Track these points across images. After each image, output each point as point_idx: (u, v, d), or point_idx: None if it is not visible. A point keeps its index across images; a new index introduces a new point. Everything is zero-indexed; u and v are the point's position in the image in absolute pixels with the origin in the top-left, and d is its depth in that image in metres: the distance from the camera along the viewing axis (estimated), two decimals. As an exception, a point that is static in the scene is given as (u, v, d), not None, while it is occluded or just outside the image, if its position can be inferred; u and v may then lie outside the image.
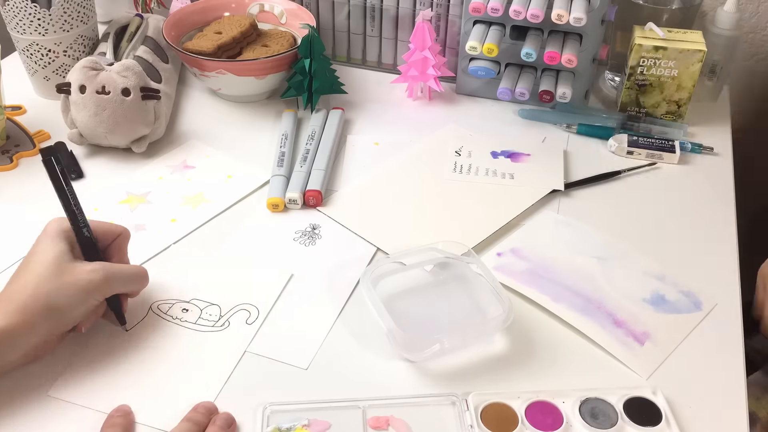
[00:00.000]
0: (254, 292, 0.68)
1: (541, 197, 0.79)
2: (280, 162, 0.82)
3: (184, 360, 0.62)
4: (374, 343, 0.64)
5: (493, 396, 0.59)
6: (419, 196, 0.81)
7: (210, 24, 0.97)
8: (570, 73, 0.92)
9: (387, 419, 0.57)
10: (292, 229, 0.76)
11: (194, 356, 0.62)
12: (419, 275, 0.70)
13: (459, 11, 0.95)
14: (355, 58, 1.05)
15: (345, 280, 0.70)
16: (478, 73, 0.93)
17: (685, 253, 0.74)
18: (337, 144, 0.87)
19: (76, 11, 0.90)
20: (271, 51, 0.92)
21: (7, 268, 0.70)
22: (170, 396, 0.59)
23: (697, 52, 0.85)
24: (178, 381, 0.60)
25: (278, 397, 0.59)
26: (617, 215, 0.79)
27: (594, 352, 0.64)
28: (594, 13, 0.86)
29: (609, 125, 0.90)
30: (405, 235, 0.75)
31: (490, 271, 0.67)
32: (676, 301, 0.68)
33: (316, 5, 1.01)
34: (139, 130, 0.83)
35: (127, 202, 0.79)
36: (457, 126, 0.92)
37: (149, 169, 0.84)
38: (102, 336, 0.63)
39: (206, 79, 0.92)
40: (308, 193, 0.78)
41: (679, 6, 0.94)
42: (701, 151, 0.88)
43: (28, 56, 0.91)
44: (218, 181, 0.82)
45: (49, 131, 0.88)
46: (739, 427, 0.58)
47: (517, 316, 0.66)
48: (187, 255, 0.72)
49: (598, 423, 0.57)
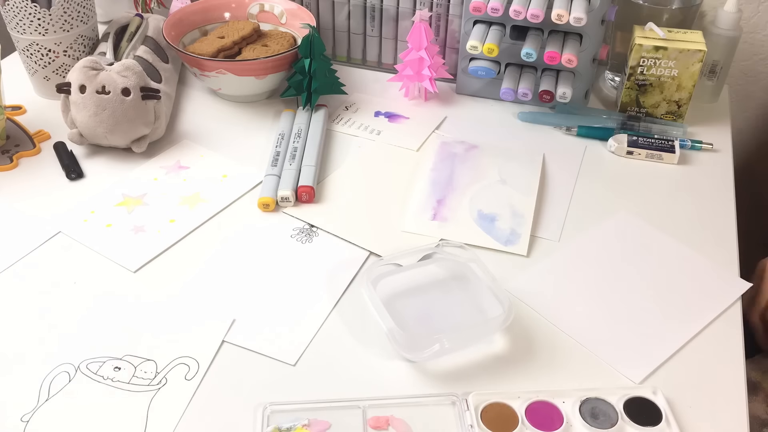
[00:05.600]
0: (193, 343, 0.63)
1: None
2: (274, 162, 0.82)
3: (119, 425, 0.57)
4: (374, 343, 0.64)
5: (493, 396, 0.59)
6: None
7: (214, 28, 0.97)
8: (570, 73, 0.92)
9: (387, 419, 0.57)
10: (290, 227, 0.76)
11: (130, 420, 0.57)
12: (419, 275, 0.70)
13: (459, 11, 0.95)
14: (355, 58, 1.05)
15: (342, 277, 0.70)
16: (478, 73, 0.93)
17: (685, 254, 0.74)
18: (324, 139, 0.88)
19: (76, 11, 0.90)
20: (271, 51, 0.92)
21: (8, 267, 0.70)
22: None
23: (697, 52, 0.85)
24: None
25: (277, 397, 0.59)
26: (617, 215, 0.79)
27: (594, 352, 0.64)
28: (594, 13, 0.86)
29: (609, 125, 0.90)
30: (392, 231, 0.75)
31: (490, 270, 0.67)
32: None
33: (316, 5, 1.01)
34: (139, 130, 0.83)
35: (123, 204, 0.79)
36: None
37: (143, 170, 0.84)
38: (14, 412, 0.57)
39: (206, 79, 0.92)
40: (300, 189, 0.79)
41: (679, 6, 0.94)
42: (701, 147, 0.88)
43: (28, 56, 0.91)
44: (214, 181, 0.82)
45: (49, 131, 0.88)
46: (739, 427, 0.58)
47: (517, 316, 0.66)
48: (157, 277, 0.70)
49: (598, 423, 0.57)
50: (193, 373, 0.61)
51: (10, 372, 0.61)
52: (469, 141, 0.89)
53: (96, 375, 0.60)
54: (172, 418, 0.57)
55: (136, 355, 0.62)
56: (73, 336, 0.64)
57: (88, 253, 0.72)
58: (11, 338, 0.64)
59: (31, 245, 0.73)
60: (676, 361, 0.63)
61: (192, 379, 0.60)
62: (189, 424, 0.57)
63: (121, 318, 0.65)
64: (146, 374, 0.60)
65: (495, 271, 0.68)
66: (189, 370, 0.61)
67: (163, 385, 0.60)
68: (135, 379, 0.60)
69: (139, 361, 0.61)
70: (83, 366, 0.61)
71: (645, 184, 0.83)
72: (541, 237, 0.75)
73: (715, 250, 0.74)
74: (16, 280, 0.69)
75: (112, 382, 0.60)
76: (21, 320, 0.65)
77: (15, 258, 0.71)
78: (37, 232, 0.74)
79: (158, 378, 0.60)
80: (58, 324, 0.65)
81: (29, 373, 0.61)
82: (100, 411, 0.58)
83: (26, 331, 0.64)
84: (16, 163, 0.84)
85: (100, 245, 0.73)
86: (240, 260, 0.72)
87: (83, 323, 0.65)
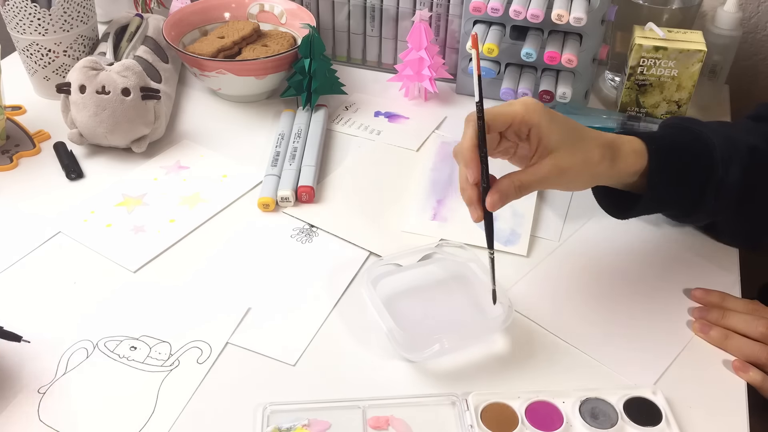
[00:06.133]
0: (207, 328, 0.65)
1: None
2: (274, 162, 0.82)
3: (132, 402, 0.58)
4: (374, 343, 0.64)
5: (493, 396, 0.59)
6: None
7: (214, 28, 0.97)
8: (570, 73, 0.92)
9: (387, 419, 0.57)
10: (290, 227, 0.76)
11: (142, 397, 0.59)
12: (419, 275, 0.70)
13: (459, 11, 0.95)
14: (355, 58, 1.05)
15: (342, 277, 0.70)
16: (478, 73, 0.93)
17: (684, 254, 0.74)
18: (324, 139, 0.88)
19: (76, 11, 0.90)
20: (271, 51, 0.92)
21: (8, 267, 0.70)
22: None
23: (697, 52, 0.85)
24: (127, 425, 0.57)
25: (277, 397, 0.59)
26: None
27: (593, 353, 0.64)
28: (594, 13, 0.86)
29: (609, 125, 0.90)
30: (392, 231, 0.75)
31: (490, 270, 0.67)
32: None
33: (316, 5, 1.01)
34: (139, 130, 0.83)
35: (123, 204, 0.79)
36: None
37: (143, 170, 0.84)
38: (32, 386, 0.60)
39: (206, 79, 0.92)
40: (300, 189, 0.79)
41: (679, 6, 0.94)
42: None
43: (28, 56, 0.91)
44: (214, 181, 0.82)
45: (49, 131, 0.88)
46: (739, 427, 0.58)
47: (517, 316, 0.66)
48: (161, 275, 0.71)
49: (598, 423, 0.57)
50: (205, 357, 0.62)
51: (29, 347, 0.62)
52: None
53: (113, 353, 0.62)
54: (181, 399, 0.59)
55: (152, 336, 0.64)
56: (93, 316, 0.66)
57: (88, 253, 0.72)
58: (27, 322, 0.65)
59: (31, 245, 0.73)
60: (676, 362, 0.63)
61: (204, 363, 0.62)
62: (188, 424, 0.57)
63: (139, 303, 0.67)
64: (160, 355, 0.62)
65: (495, 271, 0.68)
66: (201, 353, 0.63)
67: (176, 366, 0.61)
68: (149, 359, 0.62)
69: (155, 342, 0.63)
70: (101, 344, 0.63)
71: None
72: (541, 237, 0.75)
73: (715, 251, 0.74)
74: (16, 280, 0.69)
75: (127, 361, 0.62)
76: (33, 308, 0.66)
77: (15, 258, 0.71)
78: (37, 232, 0.74)
79: (172, 360, 0.62)
80: (80, 305, 0.67)
81: (49, 348, 0.63)
82: (115, 387, 0.60)
83: (44, 314, 0.66)
84: (16, 163, 0.84)
85: (100, 245, 0.73)
86: (240, 260, 0.72)
87: (103, 305, 0.67)
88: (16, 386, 0.59)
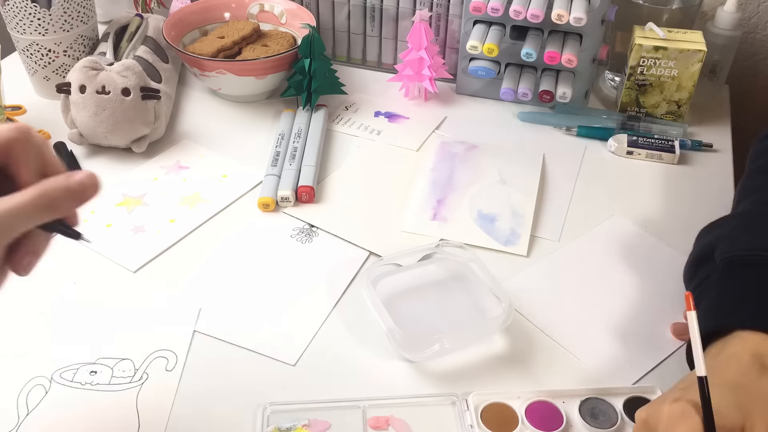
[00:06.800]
0: (166, 335, 0.63)
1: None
2: (274, 162, 0.82)
3: (113, 424, 0.56)
4: (374, 343, 0.64)
5: (493, 396, 0.59)
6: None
7: (214, 28, 0.97)
8: (570, 73, 0.92)
9: (387, 419, 0.57)
10: (290, 227, 0.76)
11: (122, 417, 0.56)
12: (419, 275, 0.70)
13: (459, 11, 0.95)
14: (355, 58, 1.05)
15: (342, 277, 0.70)
16: (478, 73, 0.93)
17: (685, 257, 0.74)
18: (324, 139, 0.88)
19: (76, 11, 0.90)
20: (271, 51, 0.92)
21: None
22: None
23: (697, 52, 0.85)
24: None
25: (277, 397, 0.59)
26: (617, 215, 0.79)
27: (593, 353, 0.64)
28: (594, 13, 0.86)
29: (609, 125, 0.90)
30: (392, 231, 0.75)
31: (490, 270, 0.67)
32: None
33: (316, 5, 1.01)
34: (139, 130, 0.83)
35: (123, 204, 0.79)
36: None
37: (143, 170, 0.84)
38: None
39: (206, 79, 0.92)
40: (300, 189, 0.79)
41: (679, 6, 0.94)
42: (701, 148, 0.88)
43: (28, 56, 0.91)
44: (214, 181, 0.82)
45: (49, 131, 0.88)
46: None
47: (517, 316, 0.66)
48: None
49: (598, 423, 0.57)
50: (172, 365, 0.61)
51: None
52: (469, 141, 0.89)
53: (72, 382, 0.59)
54: (163, 408, 0.57)
55: (110, 356, 0.61)
56: (39, 349, 0.62)
57: (88, 253, 0.72)
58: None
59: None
60: (676, 361, 0.63)
61: (173, 370, 0.60)
62: (190, 422, 0.57)
63: (97, 321, 0.65)
64: (125, 372, 0.60)
65: (495, 271, 0.68)
66: (168, 362, 0.61)
67: (146, 379, 0.60)
68: (114, 378, 0.60)
69: (115, 362, 0.61)
70: (57, 375, 0.60)
71: (645, 184, 0.83)
72: (541, 237, 0.75)
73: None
74: (16, 280, 0.69)
75: (91, 386, 0.59)
76: (18, 321, 0.65)
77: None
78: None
79: (139, 374, 0.60)
80: (30, 334, 0.63)
81: (2, 390, 0.58)
82: (87, 415, 0.57)
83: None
84: (16, 163, 0.84)
85: (100, 245, 0.73)
86: (240, 260, 0.72)
87: (55, 330, 0.63)
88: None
